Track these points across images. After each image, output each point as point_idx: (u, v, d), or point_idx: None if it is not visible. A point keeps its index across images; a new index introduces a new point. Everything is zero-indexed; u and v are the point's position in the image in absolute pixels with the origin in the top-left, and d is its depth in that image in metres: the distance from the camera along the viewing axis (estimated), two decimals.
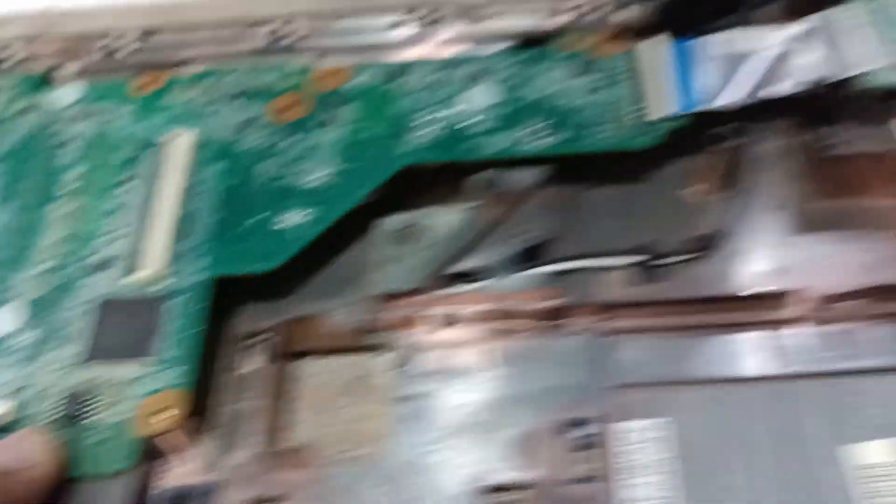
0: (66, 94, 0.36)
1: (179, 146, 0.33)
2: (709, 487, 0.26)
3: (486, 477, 0.27)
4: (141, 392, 0.28)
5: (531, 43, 0.35)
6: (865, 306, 0.29)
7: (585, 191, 0.33)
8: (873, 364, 0.28)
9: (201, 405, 0.29)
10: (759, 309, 0.30)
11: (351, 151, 0.33)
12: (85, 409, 0.28)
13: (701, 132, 0.32)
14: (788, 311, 0.29)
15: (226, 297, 0.31)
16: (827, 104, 0.32)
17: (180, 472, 0.28)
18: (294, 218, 0.31)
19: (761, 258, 0.31)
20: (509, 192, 0.32)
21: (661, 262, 0.31)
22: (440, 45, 0.36)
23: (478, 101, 0.34)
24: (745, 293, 0.30)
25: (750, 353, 0.29)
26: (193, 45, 0.37)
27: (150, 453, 0.28)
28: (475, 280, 0.31)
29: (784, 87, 0.32)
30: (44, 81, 0.37)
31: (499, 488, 0.27)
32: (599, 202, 0.33)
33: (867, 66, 0.31)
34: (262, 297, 0.31)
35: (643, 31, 0.35)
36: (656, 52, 0.34)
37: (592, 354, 0.29)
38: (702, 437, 0.27)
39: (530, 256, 0.31)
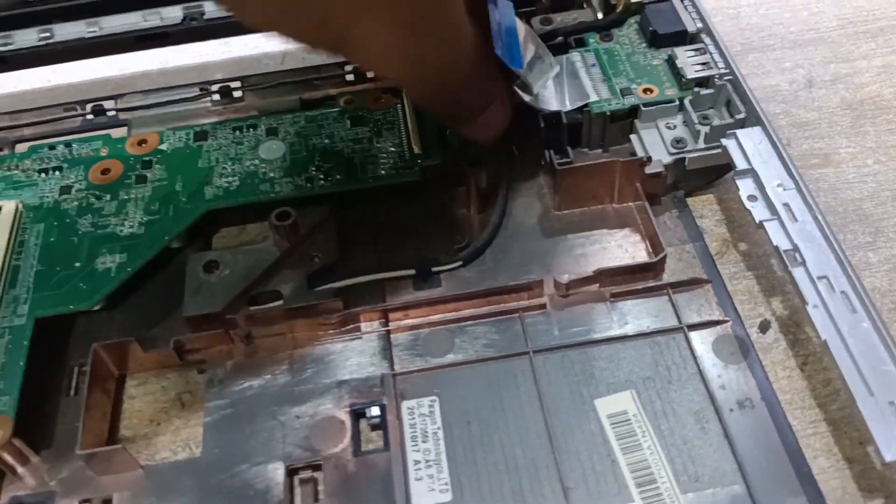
0: None
1: (4, 214, 0.37)
2: (473, 447, 0.32)
3: (293, 458, 0.32)
4: None
5: (311, 105, 0.41)
6: (595, 290, 0.36)
7: (367, 219, 0.39)
8: (598, 336, 0.35)
9: (31, 427, 0.32)
10: (511, 300, 0.36)
11: (158, 203, 0.38)
12: None
13: (456, 166, 0.38)
14: (534, 300, 0.35)
15: (63, 334, 0.36)
16: (560, 129, 0.38)
17: (18, 485, 0.32)
18: (108, 262, 0.36)
19: (513, 260, 0.37)
20: (301, 226, 0.37)
21: (432, 271, 0.37)
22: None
23: (268, 154, 0.39)
24: (498, 287, 0.35)
25: (501, 335, 0.35)
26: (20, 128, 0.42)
27: None
28: (275, 300, 0.36)
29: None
30: None
31: (304, 467, 0.32)
32: (381, 227, 0.39)
33: (586, 99, 0.39)
34: (94, 330, 0.36)
35: None
36: None
37: (376, 350, 0.35)
38: (465, 407, 0.33)
39: (322, 277, 0.36)
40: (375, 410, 0.33)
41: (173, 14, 0.44)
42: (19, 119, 0.42)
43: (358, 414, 0.33)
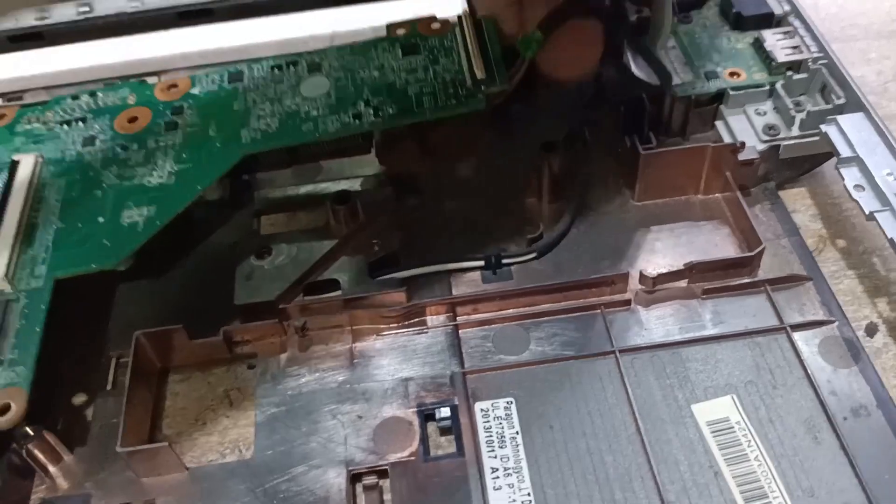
0: None
1: (23, 168, 0.33)
2: (557, 453, 0.28)
3: (355, 462, 0.29)
4: None
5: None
6: (683, 286, 0.32)
7: (430, 206, 0.36)
8: (691, 336, 0.31)
9: (64, 423, 0.30)
10: (591, 295, 0.32)
11: (190, 150, 0.34)
12: None
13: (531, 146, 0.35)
14: (617, 295, 0.32)
15: (100, 323, 0.33)
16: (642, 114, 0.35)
17: (50, 486, 0.29)
18: (134, 216, 0.32)
19: (590, 253, 0.34)
20: (361, 210, 0.34)
21: (502, 262, 0.33)
22: None
23: (311, 91, 0.35)
24: (577, 280, 0.32)
25: (582, 333, 0.32)
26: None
27: (22, 469, 0.28)
28: (332, 290, 0.33)
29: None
30: None
31: (368, 472, 0.28)
32: (443, 215, 0.36)
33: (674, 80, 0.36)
34: (133, 320, 0.32)
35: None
36: None
37: (443, 346, 0.31)
38: (546, 410, 0.30)
39: (383, 266, 0.33)
40: (446, 411, 0.30)
41: None
42: (54, 94, 0.39)
43: (426, 415, 0.30)
